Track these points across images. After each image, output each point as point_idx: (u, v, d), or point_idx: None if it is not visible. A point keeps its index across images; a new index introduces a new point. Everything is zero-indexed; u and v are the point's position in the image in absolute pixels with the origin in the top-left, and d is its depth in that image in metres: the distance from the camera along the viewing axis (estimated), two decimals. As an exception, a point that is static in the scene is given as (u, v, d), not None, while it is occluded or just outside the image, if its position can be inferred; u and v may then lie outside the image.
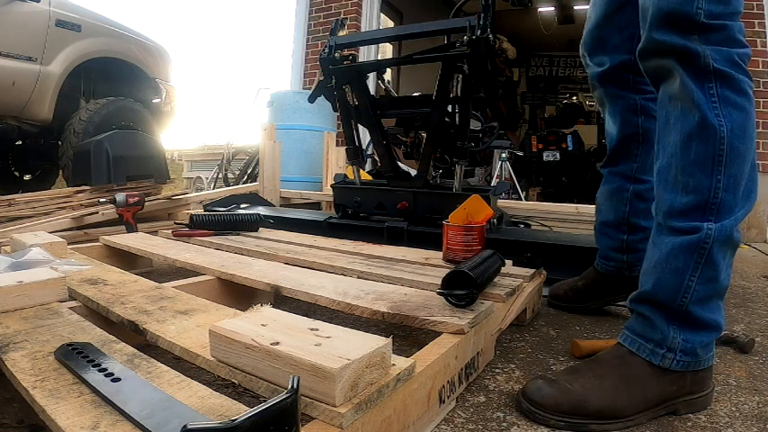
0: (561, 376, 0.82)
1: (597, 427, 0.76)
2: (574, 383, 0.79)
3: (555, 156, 6.28)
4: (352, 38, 2.18)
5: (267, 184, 3.23)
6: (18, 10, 2.80)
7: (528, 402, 0.78)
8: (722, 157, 0.75)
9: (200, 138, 13.43)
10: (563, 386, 0.78)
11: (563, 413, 0.76)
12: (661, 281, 0.81)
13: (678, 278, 0.78)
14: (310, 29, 5.06)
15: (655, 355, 0.79)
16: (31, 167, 3.88)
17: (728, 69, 0.75)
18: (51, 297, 0.88)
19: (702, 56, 0.75)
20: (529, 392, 0.79)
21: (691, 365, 0.79)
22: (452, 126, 1.80)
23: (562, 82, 8.88)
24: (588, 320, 1.32)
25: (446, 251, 1.34)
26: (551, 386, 0.79)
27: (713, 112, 0.76)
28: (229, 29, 59.81)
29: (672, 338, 0.79)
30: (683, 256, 0.78)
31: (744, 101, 0.76)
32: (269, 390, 0.58)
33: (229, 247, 1.53)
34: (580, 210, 2.59)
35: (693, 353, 0.79)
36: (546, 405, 0.77)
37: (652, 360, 0.79)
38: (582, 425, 0.76)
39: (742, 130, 0.76)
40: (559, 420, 0.76)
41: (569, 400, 0.77)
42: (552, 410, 0.76)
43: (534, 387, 0.79)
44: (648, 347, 0.80)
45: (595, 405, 0.76)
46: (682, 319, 0.79)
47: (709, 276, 0.77)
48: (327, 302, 0.97)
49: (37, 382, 0.58)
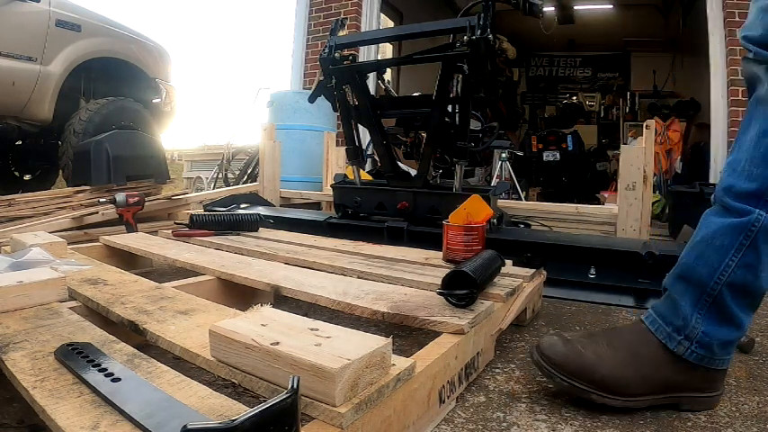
0: (577, 338, 0.84)
1: (597, 397, 0.78)
2: (587, 348, 0.81)
3: (555, 156, 6.28)
4: (352, 38, 2.18)
5: (267, 184, 3.22)
6: (18, 10, 2.80)
7: (539, 354, 0.81)
8: None
9: (200, 138, 13.43)
10: (576, 348, 0.81)
11: (569, 374, 0.78)
12: (704, 255, 0.82)
13: (720, 255, 0.79)
14: (310, 29, 5.06)
15: (671, 339, 0.80)
16: (31, 167, 3.87)
17: None
18: (51, 297, 0.88)
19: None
20: (542, 346, 0.82)
21: (704, 360, 0.79)
22: (452, 126, 1.80)
23: (562, 82, 8.88)
24: (588, 320, 1.32)
25: (446, 251, 1.34)
26: (565, 345, 0.81)
27: None
28: (229, 29, 60.01)
29: (692, 327, 0.79)
30: (729, 235, 0.79)
31: None
32: (269, 390, 0.58)
33: (229, 247, 1.53)
34: (580, 210, 2.59)
35: (709, 347, 0.79)
36: (556, 361, 0.79)
37: (667, 343, 0.80)
38: (583, 390, 0.78)
39: None
40: (563, 380, 0.79)
41: (578, 364, 0.79)
42: (559, 368, 0.79)
43: (549, 342, 0.82)
44: (667, 330, 0.81)
45: (601, 374, 0.78)
46: (711, 303, 0.79)
47: (749, 262, 0.78)
48: (327, 302, 0.97)
49: (37, 382, 0.58)
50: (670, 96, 7.56)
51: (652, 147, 2.32)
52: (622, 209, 2.24)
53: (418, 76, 5.98)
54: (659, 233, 3.06)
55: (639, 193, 2.21)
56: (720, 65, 3.51)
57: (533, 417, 0.79)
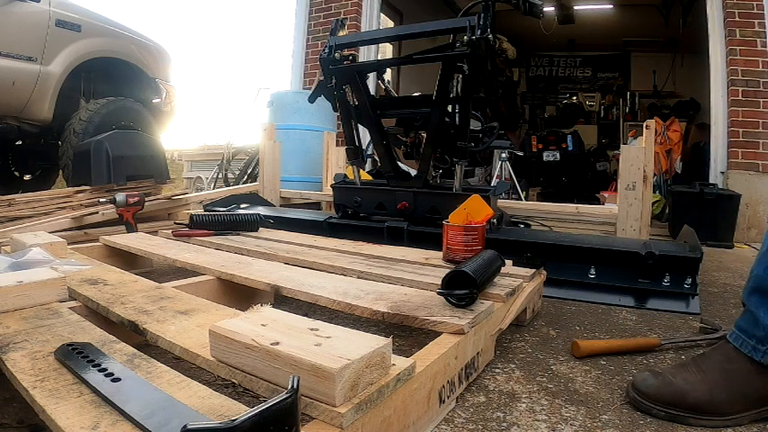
0: (668, 369, 0.86)
1: (695, 421, 0.78)
2: (677, 376, 0.82)
3: (555, 156, 6.29)
4: (352, 38, 2.18)
5: (267, 184, 3.22)
6: (18, 10, 2.80)
7: (634, 392, 0.83)
8: None
9: (200, 138, 13.41)
10: (667, 378, 0.82)
11: (664, 404, 0.80)
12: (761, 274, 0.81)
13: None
14: (310, 29, 5.06)
15: (756, 351, 0.80)
16: (31, 167, 3.87)
17: None
18: (51, 297, 0.88)
19: None
20: (636, 383, 0.84)
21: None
22: (452, 126, 1.80)
23: (562, 82, 8.88)
24: (588, 320, 1.32)
25: (446, 251, 1.34)
26: (656, 378, 0.83)
27: None
28: (229, 29, 59.95)
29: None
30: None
31: None
32: (269, 390, 0.58)
33: (229, 247, 1.53)
34: (580, 210, 2.59)
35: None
36: (649, 395, 0.81)
37: (753, 356, 0.80)
38: (681, 417, 0.79)
39: None
40: (660, 410, 0.80)
41: (670, 392, 0.80)
42: (654, 400, 0.81)
43: (641, 378, 0.84)
44: (751, 344, 0.81)
45: (693, 398, 0.79)
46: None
47: None
48: (327, 302, 0.97)
49: (37, 382, 0.58)
50: (670, 96, 7.56)
51: (652, 147, 2.32)
52: (622, 209, 2.24)
53: (418, 76, 5.98)
54: (659, 233, 3.06)
55: (639, 193, 2.21)
56: (720, 65, 3.51)
57: (533, 417, 0.79)
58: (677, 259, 1.45)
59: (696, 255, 1.44)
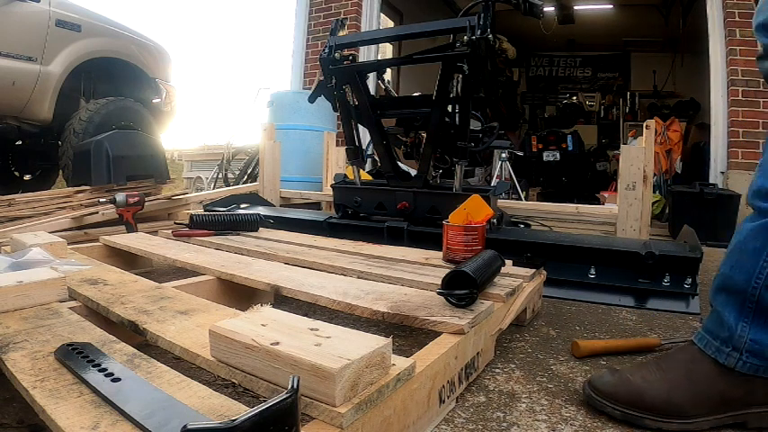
0: (628, 368, 0.83)
1: (651, 423, 0.75)
2: (635, 375, 0.80)
3: (555, 156, 6.29)
4: (352, 38, 2.18)
5: (267, 184, 3.22)
6: (18, 10, 2.80)
7: (590, 389, 0.81)
8: None
9: (200, 138, 13.41)
10: (624, 376, 0.80)
11: (619, 402, 0.77)
12: (739, 262, 0.79)
13: (755, 258, 0.76)
14: (310, 29, 5.06)
15: (720, 352, 0.77)
16: (31, 167, 3.87)
17: None
18: (51, 297, 0.88)
19: None
20: (593, 380, 0.82)
21: (761, 370, 0.75)
22: (452, 126, 1.80)
23: (562, 82, 8.88)
24: (588, 320, 1.32)
25: (446, 251, 1.34)
26: (613, 375, 0.81)
27: None
28: (229, 29, 60.04)
29: (738, 336, 0.76)
30: (761, 236, 0.77)
31: None
32: (269, 390, 0.58)
33: (229, 247, 1.53)
34: (580, 210, 2.59)
35: (762, 355, 0.74)
36: (605, 393, 0.79)
37: (717, 358, 0.77)
38: (636, 417, 0.76)
39: None
40: (615, 409, 0.77)
41: (627, 390, 0.77)
42: (609, 398, 0.78)
43: (598, 375, 0.82)
44: (715, 345, 0.78)
45: (650, 397, 0.76)
46: (754, 309, 0.76)
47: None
48: (327, 302, 0.97)
49: (37, 382, 0.58)
50: (670, 96, 7.56)
51: (652, 147, 2.32)
52: (622, 209, 2.24)
53: (418, 76, 5.98)
54: (659, 233, 3.06)
55: (639, 193, 2.21)
56: (720, 65, 3.51)
57: (533, 417, 0.79)
58: (677, 259, 1.45)
59: (696, 255, 1.44)
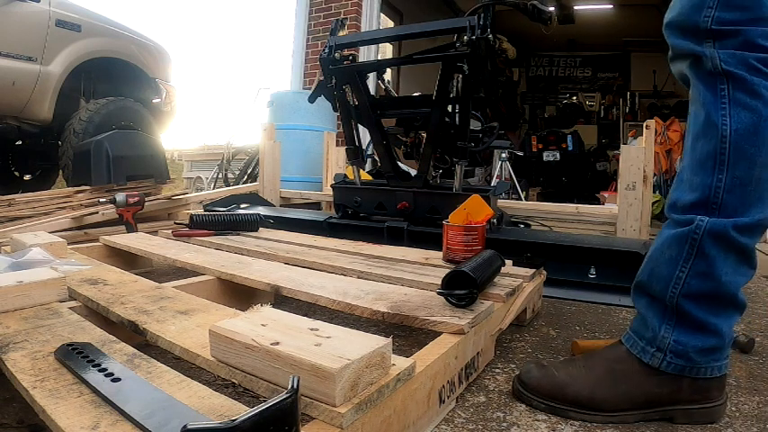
0: (554, 363, 0.86)
1: (576, 415, 0.78)
2: (561, 370, 0.83)
3: (555, 156, 6.30)
4: (352, 38, 2.18)
5: (267, 184, 3.22)
6: (18, 10, 2.80)
7: (517, 383, 0.85)
8: (724, 156, 0.74)
9: (200, 138, 13.42)
10: (550, 371, 0.83)
11: (543, 396, 0.81)
12: (655, 271, 0.81)
13: (671, 268, 0.78)
14: (310, 29, 5.06)
15: (645, 353, 0.79)
16: (31, 167, 3.87)
17: (741, 72, 0.74)
18: (51, 297, 0.88)
19: (710, 58, 0.75)
20: (520, 373, 0.85)
21: (686, 370, 0.76)
22: (452, 126, 1.80)
23: (562, 82, 8.89)
24: (588, 320, 1.32)
25: (446, 251, 1.34)
26: (539, 369, 0.84)
27: (719, 112, 0.75)
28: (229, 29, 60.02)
29: (662, 337, 0.77)
30: (675, 246, 0.78)
31: (756, 103, 0.74)
32: (269, 390, 0.58)
33: (229, 247, 1.53)
34: (580, 210, 2.59)
35: (686, 356, 0.76)
36: (530, 386, 0.82)
37: (642, 357, 0.79)
38: (560, 410, 0.79)
39: (751, 132, 0.73)
40: (540, 402, 0.81)
41: (550, 384, 0.81)
42: (534, 392, 0.82)
43: (525, 369, 0.86)
44: (641, 345, 0.80)
45: (573, 392, 0.79)
46: (673, 314, 0.77)
47: (702, 271, 0.75)
48: (327, 302, 0.97)
49: (37, 382, 0.58)
50: (670, 96, 7.57)
51: (652, 147, 2.32)
52: (622, 209, 2.24)
53: (418, 76, 5.98)
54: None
55: (639, 193, 2.21)
56: (720, 65, 3.50)
57: (533, 417, 0.79)
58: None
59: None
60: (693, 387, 0.77)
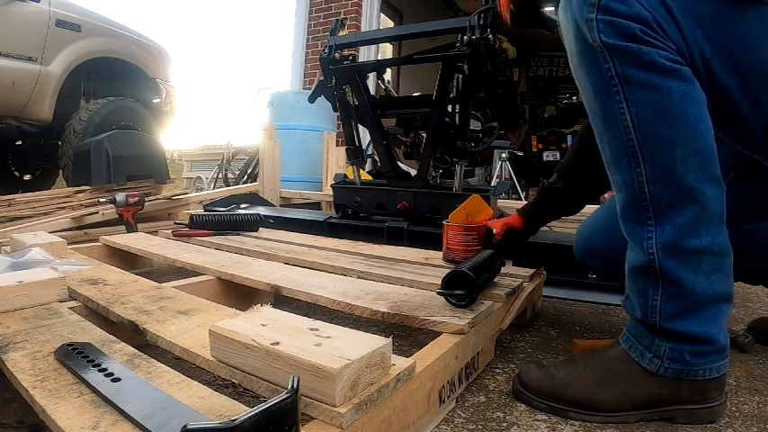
0: (554, 363, 0.85)
1: (576, 415, 0.78)
2: (561, 370, 0.82)
3: (555, 156, 6.29)
4: (352, 38, 2.18)
5: (267, 184, 3.23)
6: (18, 10, 2.80)
7: (517, 382, 0.84)
8: (635, 148, 0.68)
9: (200, 138, 13.43)
10: (550, 371, 0.82)
11: (543, 396, 0.80)
12: (630, 299, 0.80)
13: (643, 299, 0.76)
14: (310, 29, 5.06)
15: (643, 357, 0.77)
16: (31, 167, 3.87)
17: (625, 42, 0.61)
18: (51, 297, 0.88)
19: (588, 29, 0.63)
20: (520, 373, 0.85)
21: (683, 373, 0.75)
22: (452, 126, 1.80)
23: (562, 82, 8.88)
24: (588, 320, 1.32)
25: (446, 251, 1.34)
26: (539, 370, 0.83)
27: (613, 98, 0.66)
28: (229, 29, 59.87)
29: (657, 346, 0.76)
30: (640, 279, 0.76)
31: (652, 77, 0.62)
32: (269, 390, 0.58)
33: (229, 247, 1.53)
34: (580, 210, 2.58)
35: (683, 360, 0.74)
36: (530, 386, 0.82)
37: (641, 362, 0.78)
38: (561, 410, 0.79)
39: (657, 111, 0.64)
40: (540, 402, 0.80)
41: (551, 384, 0.80)
42: (534, 392, 0.81)
43: (525, 369, 0.85)
44: (639, 348, 0.79)
45: (573, 392, 0.78)
46: (663, 333, 0.76)
47: (674, 293, 0.73)
48: (327, 302, 0.97)
49: (37, 382, 0.58)
50: (670, 96, 7.55)
51: (652, 147, 2.31)
52: (622, 209, 2.24)
53: (418, 76, 5.98)
54: (659, 233, 3.05)
55: (639, 193, 2.20)
56: (720, 65, 3.50)
57: (533, 417, 0.79)
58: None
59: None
60: (693, 387, 0.76)
